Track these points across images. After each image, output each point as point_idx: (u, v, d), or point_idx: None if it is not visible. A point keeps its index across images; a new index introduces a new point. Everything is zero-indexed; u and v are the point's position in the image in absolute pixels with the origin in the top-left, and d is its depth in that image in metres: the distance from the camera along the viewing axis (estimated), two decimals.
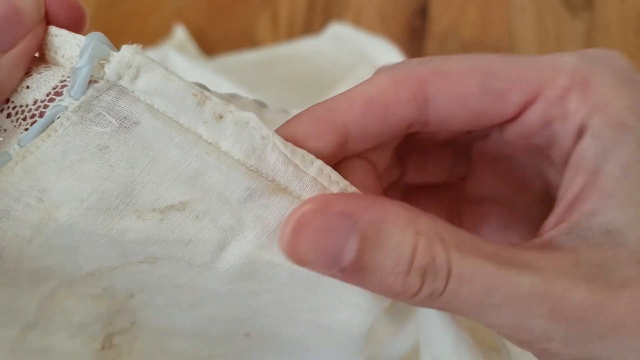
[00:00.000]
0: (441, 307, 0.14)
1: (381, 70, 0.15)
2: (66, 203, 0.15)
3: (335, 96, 0.15)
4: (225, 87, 0.42)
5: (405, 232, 0.13)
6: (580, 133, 0.14)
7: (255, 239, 0.16)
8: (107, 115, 0.14)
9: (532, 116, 0.15)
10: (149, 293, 0.18)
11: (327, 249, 0.14)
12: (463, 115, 0.15)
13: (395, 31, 0.57)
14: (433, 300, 0.14)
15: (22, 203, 0.15)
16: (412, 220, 0.14)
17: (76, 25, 0.16)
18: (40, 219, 0.15)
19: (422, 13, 0.59)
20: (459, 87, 0.14)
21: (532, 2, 0.60)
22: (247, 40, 0.56)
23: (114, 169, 0.15)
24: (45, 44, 0.15)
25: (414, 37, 0.58)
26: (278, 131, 0.15)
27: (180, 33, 0.54)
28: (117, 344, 0.19)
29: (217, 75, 0.45)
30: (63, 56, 0.15)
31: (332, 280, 0.15)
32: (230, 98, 0.19)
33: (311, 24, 0.57)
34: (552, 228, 0.14)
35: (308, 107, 0.15)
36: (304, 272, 0.16)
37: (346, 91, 0.15)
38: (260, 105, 0.20)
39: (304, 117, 0.15)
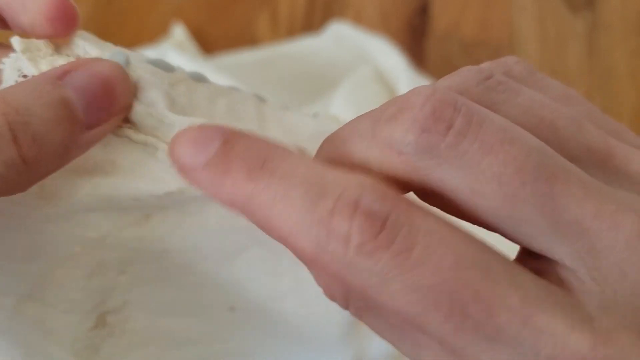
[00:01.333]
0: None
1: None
2: (65, 189, 0.15)
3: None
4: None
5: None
6: None
7: None
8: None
9: None
10: (139, 264, 0.19)
11: (195, 138, 0.13)
12: None
13: (396, 30, 0.57)
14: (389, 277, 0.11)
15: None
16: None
17: (67, 22, 0.15)
18: (37, 204, 0.15)
19: (422, 12, 0.58)
20: None
21: (533, 1, 0.59)
22: (246, 39, 0.56)
23: (116, 162, 0.16)
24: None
25: (415, 36, 0.57)
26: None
27: (179, 31, 0.54)
28: (110, 322, 0.19)
29: (217, 74, 0.44)
30: None
31: None
32: (230, 91, 0.19)
33: (311, 23, 0.57)
34: None
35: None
36: None
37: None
38: (259, 100, 0.20)
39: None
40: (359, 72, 0.47)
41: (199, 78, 0.18)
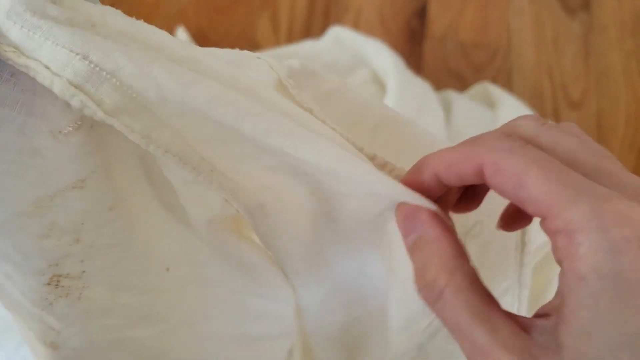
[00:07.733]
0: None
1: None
2: None
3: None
4: None
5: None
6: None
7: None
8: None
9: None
10: (92, 231, 0.20)
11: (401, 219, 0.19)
12: None
13: (395, 33, 0.58)
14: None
15: None
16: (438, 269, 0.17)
17: None
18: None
19: (420, 15, 0.59)
20: None
21: (530, 4, 0.60)
22: (247, 42, 0.57)
23: (24, 92, 0.17)
24: None
25: (413, 39, 0.58)
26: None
27: (181, 34, 0.55)
28: (65, 285, 0.21)
29: None
30: None
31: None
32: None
33: (311, 26, 0.58)
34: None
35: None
36: None
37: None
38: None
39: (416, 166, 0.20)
40: (357, 75, 0.48)
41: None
